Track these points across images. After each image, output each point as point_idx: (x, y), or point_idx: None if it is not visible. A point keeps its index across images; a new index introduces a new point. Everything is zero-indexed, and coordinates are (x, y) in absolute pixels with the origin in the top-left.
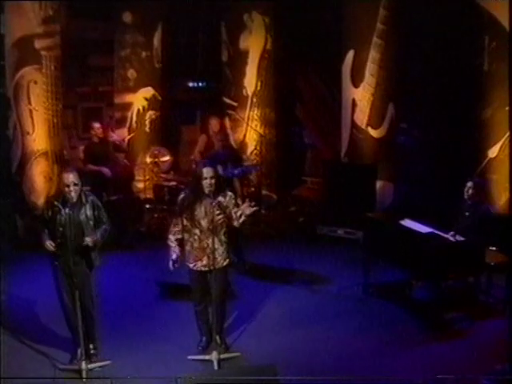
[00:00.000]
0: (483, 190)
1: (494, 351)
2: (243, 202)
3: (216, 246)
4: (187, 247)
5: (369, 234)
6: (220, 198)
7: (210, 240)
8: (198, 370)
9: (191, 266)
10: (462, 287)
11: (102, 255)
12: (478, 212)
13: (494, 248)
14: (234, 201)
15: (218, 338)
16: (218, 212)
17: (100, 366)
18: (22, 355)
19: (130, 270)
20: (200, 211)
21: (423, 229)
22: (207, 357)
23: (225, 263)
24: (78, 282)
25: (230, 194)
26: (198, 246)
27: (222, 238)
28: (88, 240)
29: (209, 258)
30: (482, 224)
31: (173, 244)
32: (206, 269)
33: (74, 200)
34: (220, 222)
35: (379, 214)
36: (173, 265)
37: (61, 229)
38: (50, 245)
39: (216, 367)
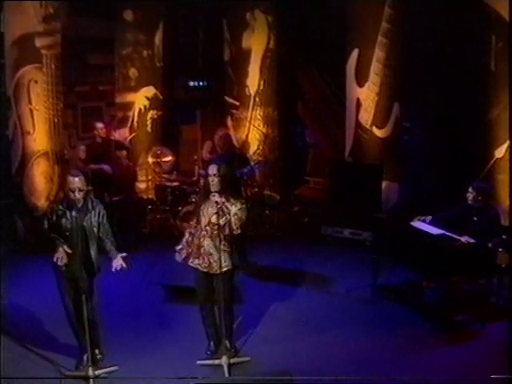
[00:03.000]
0: (487, 193)
1: (506, 353)
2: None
3: (211, 250)
4: (190, 242)
5: (379, 236)
6: (221, 199)
7: (206, 242)
8: (207, 374)
9: (189, 261)
10: (472, 289)
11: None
12: (486, 217)
13: (501, 250)
14: (237, 210)
15: (227, 342)
16: (218, 213)
17: (107, 372)
18: (25, 362)
19: (134, 272)
20: (202, 209)
21: (434, 230)
22: (217, 361)
23: (219, 271)
24: (83, 287)
25: (239, 204)
26: (197, 242)
27: (219, 244)
28: (118, 262)
29: (203, 259)
30: (491, 228)
31: (184, 238)
32: (199, 268)
33: (81, 204)
34: (222, 224)
35: (389, 215)
36: (178, 255)
37: (67, 233)
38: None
39: (226, 372)
